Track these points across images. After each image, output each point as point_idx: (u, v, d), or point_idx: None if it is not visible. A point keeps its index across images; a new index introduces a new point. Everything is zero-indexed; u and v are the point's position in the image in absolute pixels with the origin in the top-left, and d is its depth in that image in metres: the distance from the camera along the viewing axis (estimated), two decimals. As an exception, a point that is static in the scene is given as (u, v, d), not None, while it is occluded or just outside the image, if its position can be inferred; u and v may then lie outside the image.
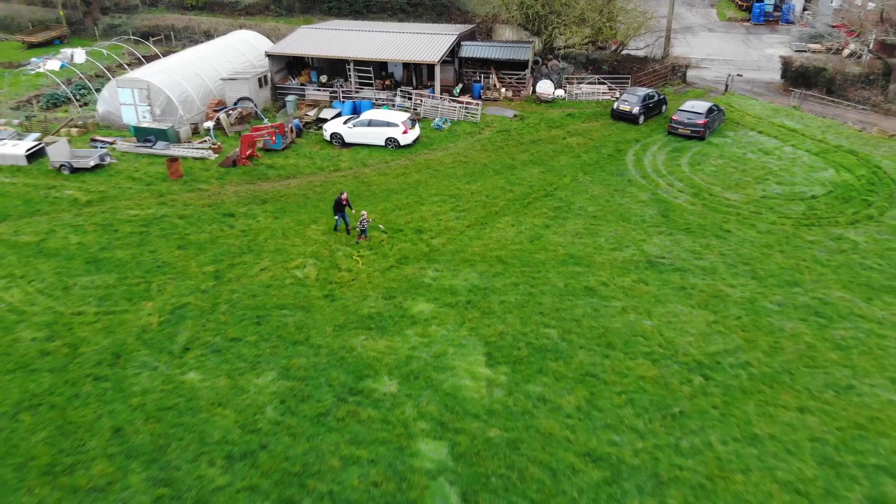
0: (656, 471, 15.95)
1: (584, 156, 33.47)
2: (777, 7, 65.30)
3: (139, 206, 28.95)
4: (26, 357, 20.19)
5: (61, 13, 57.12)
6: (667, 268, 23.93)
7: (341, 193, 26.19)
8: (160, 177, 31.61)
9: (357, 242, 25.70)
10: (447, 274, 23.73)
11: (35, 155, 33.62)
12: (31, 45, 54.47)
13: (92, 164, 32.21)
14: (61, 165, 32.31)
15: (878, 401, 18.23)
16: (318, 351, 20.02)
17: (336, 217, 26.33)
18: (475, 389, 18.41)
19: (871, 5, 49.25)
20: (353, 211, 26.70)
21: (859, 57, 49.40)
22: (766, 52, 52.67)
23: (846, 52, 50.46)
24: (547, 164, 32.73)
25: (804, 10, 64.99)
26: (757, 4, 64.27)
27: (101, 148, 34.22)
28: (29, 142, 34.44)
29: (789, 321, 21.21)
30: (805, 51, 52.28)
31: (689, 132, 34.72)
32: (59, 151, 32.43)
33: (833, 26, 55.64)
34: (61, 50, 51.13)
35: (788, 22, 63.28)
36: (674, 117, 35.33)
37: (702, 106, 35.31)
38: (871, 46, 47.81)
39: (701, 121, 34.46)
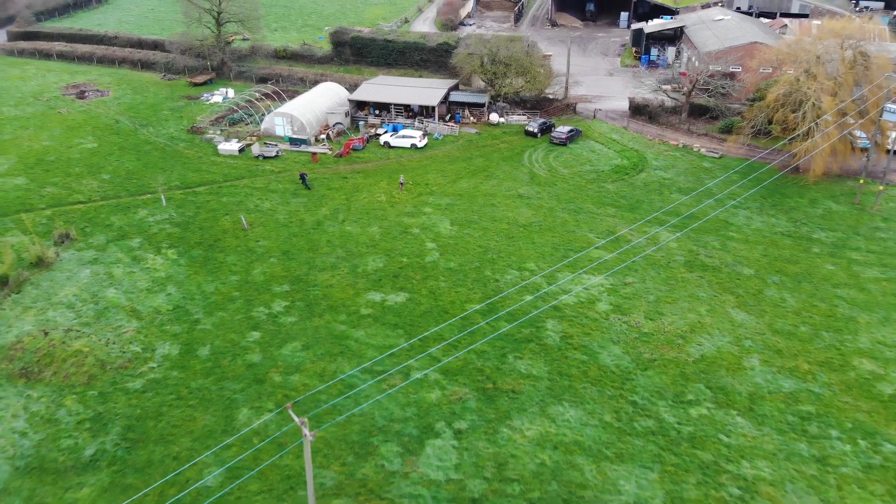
0: (498, 249, 52.25)
1: (506, 153, 69.72)
2: (658, 57, 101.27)
3: (303, 174, 65.44)
4: (281, 223, 56.63)
5: (208, 63, 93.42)
6: (525, 198, 60.18)
7: (301, 171, 62.62)
8: (307, 161, 68.03)
9: (400, 189, 61.84)
10: (437, 199, 60.02)
11: (242, 150, 69.93)
12: (194, 84, 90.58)
13: (274, 154, 68.61)
14: (258, 155, 68.70)
15: (581, 236, 54.35)
16: (390, 222, 56.37)
17: (303, 182, 61.93)
18: (446, 231, 54.79)
19: (696, 63, 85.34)
20: (309, 185, 62.52)
21: (688, 93, 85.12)
22: (636, 91, 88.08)
23: (685, 89, 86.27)
24: (487, 157, 68.97)
25: (675, 60, 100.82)
26: (644, 56, 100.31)
27: (273, 146, 70.48)
28: (234, 143, 70.68)
29: (563, 213, 57.44)
30: (659, 90, 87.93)
31: (558, 142, 70.76)
32: (256, 148, 68.84)
33: (681, 73, 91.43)
34: (219, 88, 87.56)
35: (665, 68, 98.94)
36: (552, 134, 71.34)
37: (566, 128, 71.37)
38: (691, 90, 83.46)
39: (564, 136, 70.50)
